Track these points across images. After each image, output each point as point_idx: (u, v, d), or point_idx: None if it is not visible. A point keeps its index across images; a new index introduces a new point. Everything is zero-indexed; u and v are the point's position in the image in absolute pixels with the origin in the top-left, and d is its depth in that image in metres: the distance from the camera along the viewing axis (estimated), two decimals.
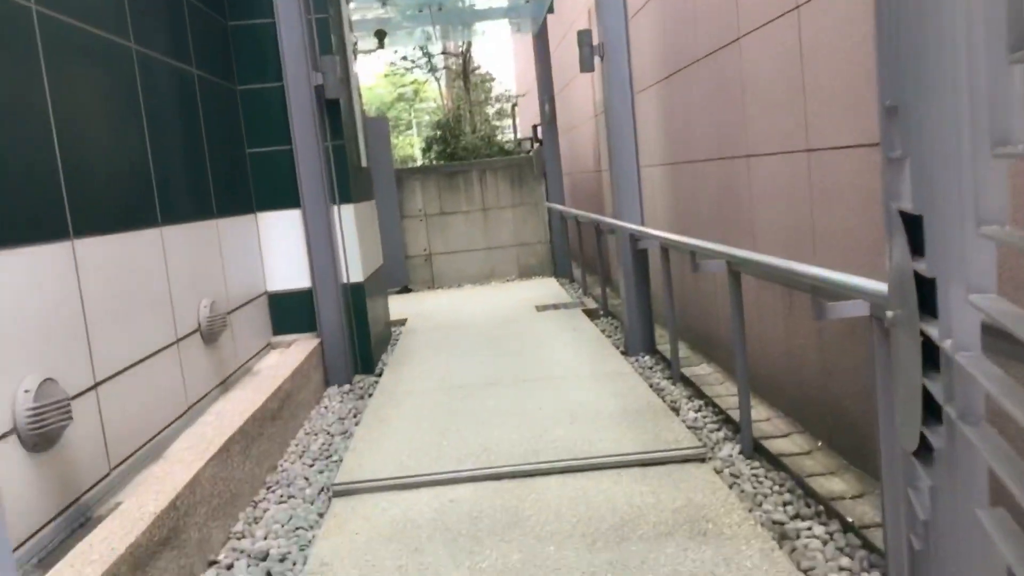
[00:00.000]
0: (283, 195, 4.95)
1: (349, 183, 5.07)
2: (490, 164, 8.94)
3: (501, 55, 19.78)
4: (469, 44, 11.86)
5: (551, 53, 8.68)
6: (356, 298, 5.16)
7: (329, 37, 4.98)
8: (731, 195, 4.04)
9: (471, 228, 8.91)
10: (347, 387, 4.93)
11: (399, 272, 8.67)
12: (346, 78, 5.45)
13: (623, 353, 5.07)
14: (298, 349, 4.81)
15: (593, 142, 8.36)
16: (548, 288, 8.09)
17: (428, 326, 6.55)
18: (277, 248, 5.01)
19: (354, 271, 5.14)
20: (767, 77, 3.44)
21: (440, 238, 8.88)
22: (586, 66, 4.85)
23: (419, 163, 14.48)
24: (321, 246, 4.90)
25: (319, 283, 4.92)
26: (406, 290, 8.62)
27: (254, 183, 4.94)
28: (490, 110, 13.59)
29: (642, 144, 5.03)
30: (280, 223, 4.99)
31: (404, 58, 12.45)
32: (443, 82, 14.29)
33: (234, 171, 4.67)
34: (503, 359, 5.05)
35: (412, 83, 16.39)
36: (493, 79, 14.32)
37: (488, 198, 8.87)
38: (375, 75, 20.52)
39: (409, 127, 20.29)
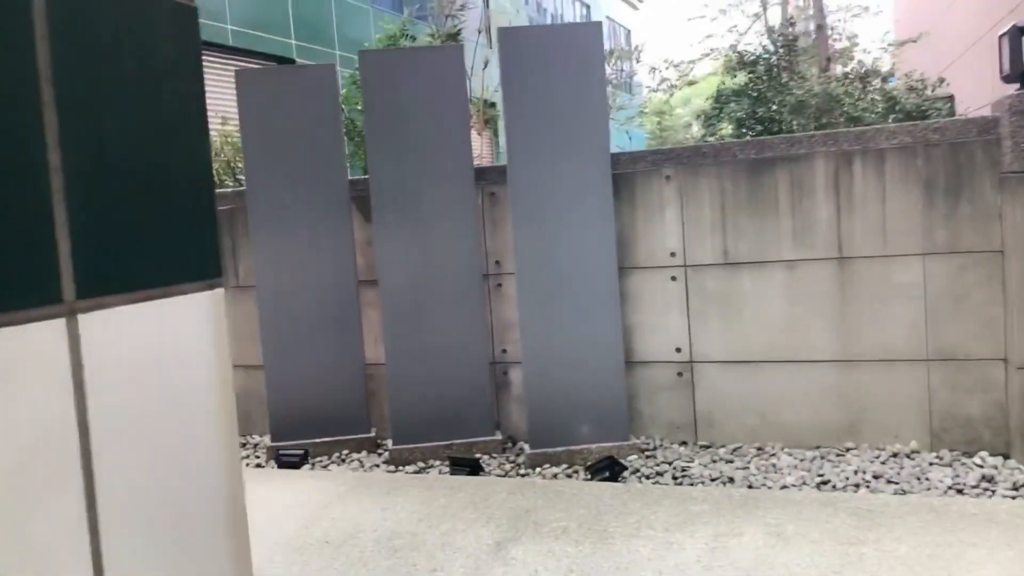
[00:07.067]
0: None
1: None
2: (869, 142, 3.38)
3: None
4: None
5: None
6: None
7: None
8: None
9: (800, 305, 3.46)
10: None
11: (616, 408, 3.47)
12: None
13: None
14: None
15: None
16: None
17: None
18: None
19: None
20: None
21: (716, 324, 3.58)
22: None
23: (689, 142, 8.56)
24: None
25: None
26: (613, 473, 3.30)
27: None
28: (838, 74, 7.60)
29: None
30: None
31: None
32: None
33: None
34: None
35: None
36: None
37: (853, 229, 3.36)
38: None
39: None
